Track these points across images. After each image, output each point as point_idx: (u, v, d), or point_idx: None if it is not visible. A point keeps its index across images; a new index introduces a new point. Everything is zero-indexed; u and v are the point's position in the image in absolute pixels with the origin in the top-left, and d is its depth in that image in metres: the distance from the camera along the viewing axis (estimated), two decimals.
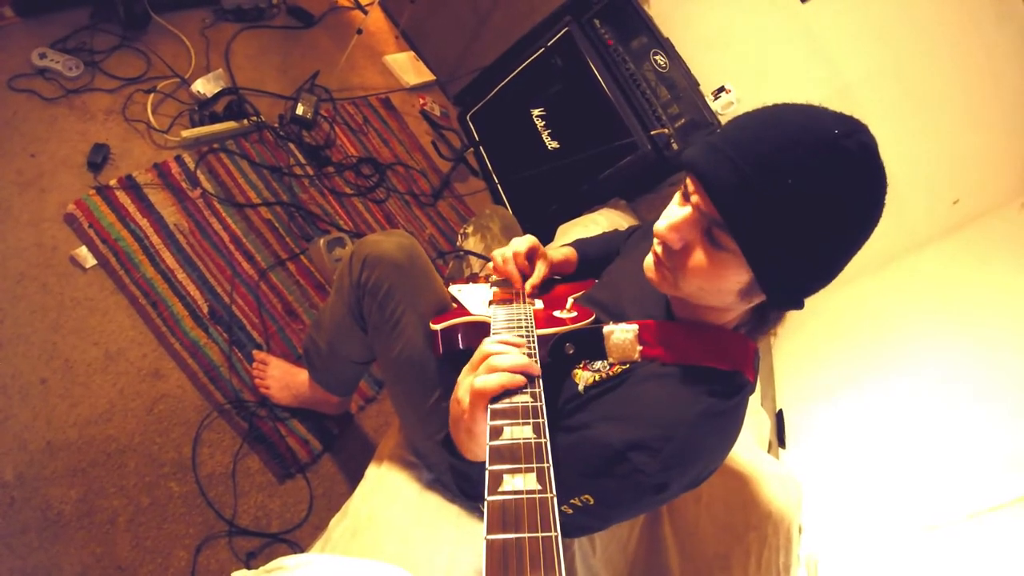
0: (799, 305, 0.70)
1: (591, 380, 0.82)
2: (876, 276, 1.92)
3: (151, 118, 1.49)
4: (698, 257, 0.68)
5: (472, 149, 2.32)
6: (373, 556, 0.96)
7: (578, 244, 1.22)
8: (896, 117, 1.72)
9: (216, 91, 1.65)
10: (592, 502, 0.72)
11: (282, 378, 1.39)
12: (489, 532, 0.43)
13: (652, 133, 1.93)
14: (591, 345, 0.83)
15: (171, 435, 1.26)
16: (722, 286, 0.69)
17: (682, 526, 1.32)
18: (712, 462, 0.78)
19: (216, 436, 1.31)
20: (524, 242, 1.04)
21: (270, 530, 1.29)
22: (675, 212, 0.69)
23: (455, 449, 0.78)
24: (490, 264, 1.11)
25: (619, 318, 0.84)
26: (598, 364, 0.83)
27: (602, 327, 0.82)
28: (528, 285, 1.02)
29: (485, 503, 0.46)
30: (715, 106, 1.87)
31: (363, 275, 0.99)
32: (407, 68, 2.36)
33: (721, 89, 1.87)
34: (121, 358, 1.25)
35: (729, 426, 0.77)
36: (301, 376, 1.36)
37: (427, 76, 2.42)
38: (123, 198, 1.38)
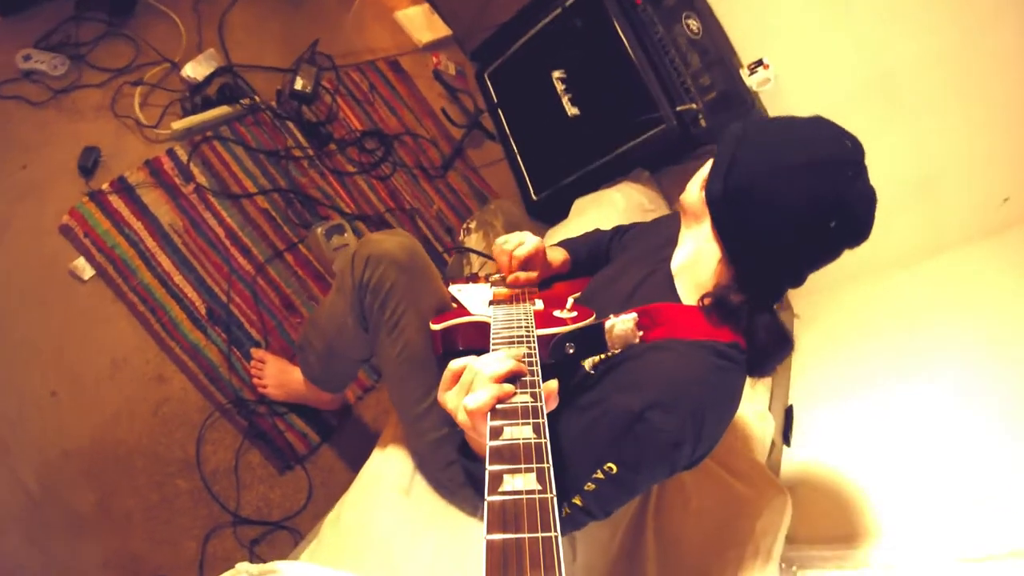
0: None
1: (598, 359, 0.87)
2: (909, 270, 1.77)
3: (139, 114, 1.47)
4: None
5: (486, 113, 2.19)
6: (364, 564, 1.03)
7: (567, 245, 1.26)
8: (944, 105, 1.52)
9: (208, 73, 1.60)
10: (615, 470, 0.76)
11: (278, 376, 1.44)
12: (489, 532, 0.44)
13: (679, 109, 1.77)
14: (592, 344, 0.86)
15: (176, 436, 1.35)
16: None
17: (666, 534, 1.34)
18: (718, 424, 0.83)
19: (218, 435, 1.39)
20: (526, 248, 1.06)
21: (272, 518, 1.40)
22: None
23: (471, 452, 0.83)
24: (491, 263, 1.12)
25: (623, 308, 0.87)
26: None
27: (603, 323, 0.85)
28: (509, 278, 1.06)
29: (485, 503, 0.46)
30: (750, 81, 1.68)
31: (365, 274, 1.00)
32: (420, 24, 2.20)
33: (758, 63, 1.66)
34: (125, 365, 1.33)
35: (732, 389, 0.83)
36: (296, 374, 1.40)
37: (442, 31, 2.25)
38: (116, 202, 1.40)
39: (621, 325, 0.84)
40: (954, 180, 1.65)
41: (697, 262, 0.89)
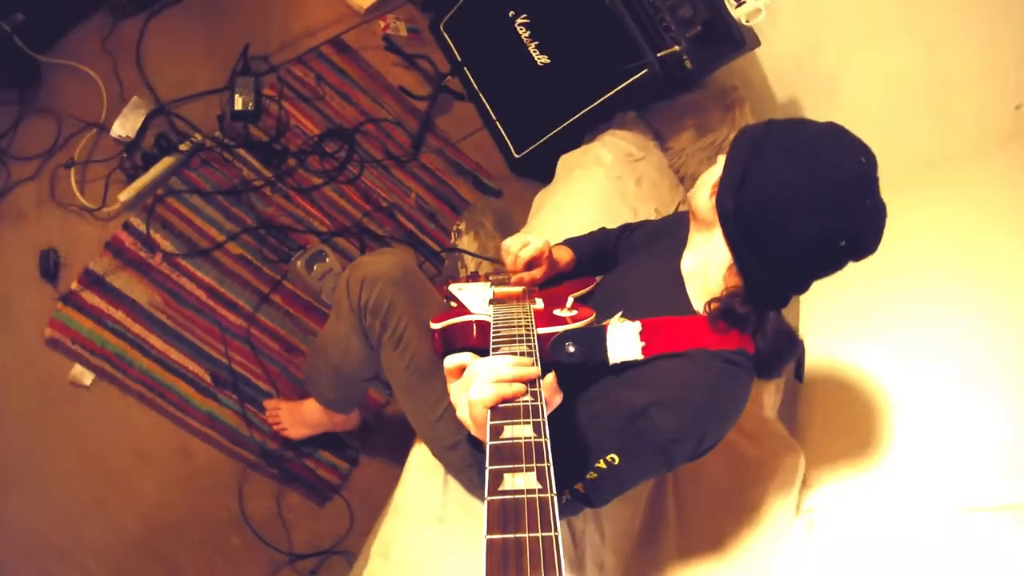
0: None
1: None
2: (919, 189, 1.63)
3: (80, 198, 1.39)
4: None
5: (450, 76, 1.98)
6: None
7: (572, 244, 1.25)
8: (955, 9, 1.34)
9: (139, 126, 1.48)
10: (617, 461, 0.80)
11: (293, 416, 1.49)
12: (489, 532, 0.44)
13: (660, 55, 1.56)
14: (592, 343, 0.87)
15: (218, 500, 1.44)
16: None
17: (685, 502, 1.41)
18: (721, 425, 0.85)
19: (256, 488, 1.49)
20: (530, 250, 1.07)
21: (323, 547, 1.53)
22: None
23: (479, 443, 0.85)
24: (488, 263, 1.23)
25: (628, 317, 0.89)
26: None
27: (605, 325, 0.87)
28: (514, 278, 1.08)
29: (485, 503, 0.47)
30: (738, 14, 1.45)
31: (362, 296, 1.03)
32: None
33: None
34: (152, 454, 1.39)
35: (738, 392, 0.86)
36: (308, 407, 1.44)
37: None
38: (91, 298, 1.38)
39: (624, 332, 0.85)
40: (965, 87, 1.53)
41: (707, 268, 0.90)
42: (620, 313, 0.89)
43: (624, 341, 0.85)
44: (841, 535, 1.27)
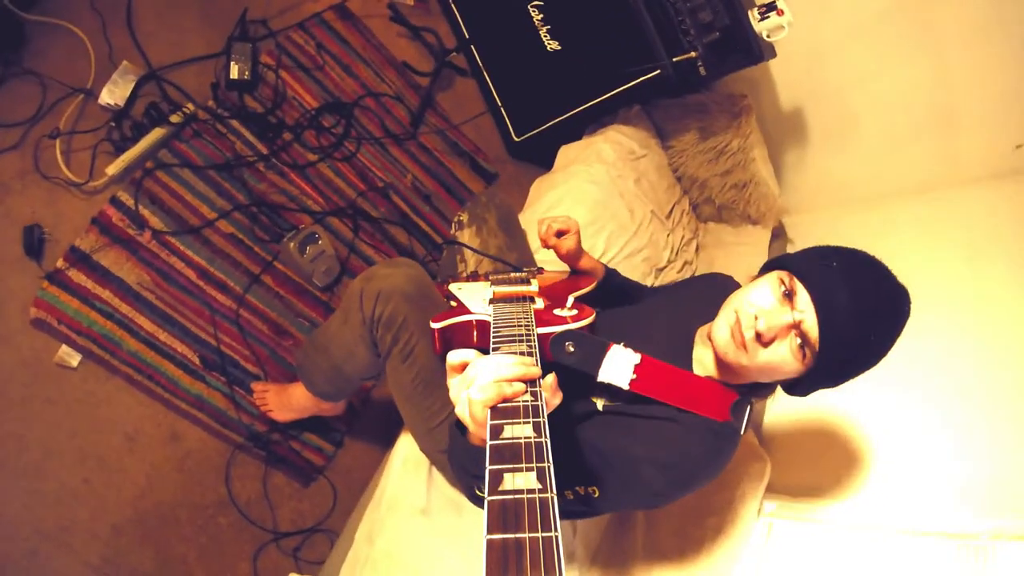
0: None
1: (610, 403, 0.94)
2: (914, 205, 1.67)
3: (66, 171, 1.32)
4: (780, 352, 0.81)
5: (455, 52, 1.90)
6: None
7: (607, 269, 1.30)
8: (971, 38, 1.41)
9: (128, 93, 1.39)
10: (596, 494, 0.86)
11: (280, 399, 1.49)
12: (489, 532, 0.44)
13: (676, 60, 1.53)
14: (590, 352, 0.89)
15: (206, 482, 1.46)
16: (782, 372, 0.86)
17: None
18: (701, 486, 0.93)
19: (243, 470, 1.51)
20: (560, 223, 1.16)
21: (306, 526, 1.57)
22: (775, 315, 0.80)
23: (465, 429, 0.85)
24: (488, 261, 1.39)
25: (633, 346, 0.91)
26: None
27: (610, 344, 0.88)
28: (552, 242, 1.17)
29: (485, 503, 0.47)
30: (760, 27, 1.41)
31: (376, 310, 1.05)
32: None
33: (771, 7, 1.38)
34: (140, 436, 1.39)
35: (726, 459, 0.93)
36: (296, 392, 1.45)
37: None
38: (77, 277, 1.33)
39: (622, 357, 0.87)
40: (970, 117, 1.56)
41: (724, 371, 0.92)
42: (623, 344, 0.90)
43: (618, 365, 0.87)
44: (794, 541, 1.36)
